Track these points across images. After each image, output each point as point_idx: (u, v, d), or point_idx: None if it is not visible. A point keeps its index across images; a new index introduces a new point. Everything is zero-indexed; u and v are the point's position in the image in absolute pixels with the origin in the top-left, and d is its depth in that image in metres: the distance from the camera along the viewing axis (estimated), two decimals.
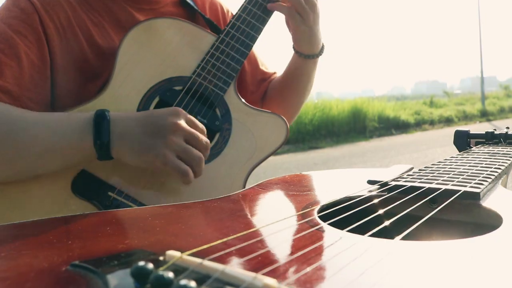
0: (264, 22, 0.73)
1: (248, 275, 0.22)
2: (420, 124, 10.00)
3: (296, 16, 0.73)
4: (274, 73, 0.90)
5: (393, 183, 0.49)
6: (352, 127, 8.45)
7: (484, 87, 14.67)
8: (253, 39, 0.72)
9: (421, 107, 11.47)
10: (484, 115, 12.12)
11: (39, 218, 0.40)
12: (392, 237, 0.33)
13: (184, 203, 0.45)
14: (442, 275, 0.26)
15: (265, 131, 0.72)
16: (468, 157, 0.65)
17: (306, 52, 0.79)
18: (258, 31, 0.73)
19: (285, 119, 0.73)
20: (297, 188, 0.53)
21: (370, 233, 0.32)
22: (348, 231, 0.34)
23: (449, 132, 8.56)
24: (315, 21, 0.75)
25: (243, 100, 0.73)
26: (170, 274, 0.22)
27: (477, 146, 0.79)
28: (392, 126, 9.09)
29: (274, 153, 0.74)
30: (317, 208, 0.42)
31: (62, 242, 0.34)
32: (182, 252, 0.26)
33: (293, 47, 0.80)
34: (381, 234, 0.33)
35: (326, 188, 0.54)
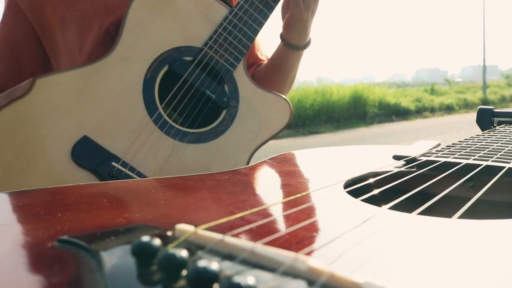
0: (276, 0, 0.71)
1: (287, 256, 0.17)
2: (420, 111, 9.93)
3: (300, 2, 0.72)
4: (266, 59, 0.88)
5: (423, 158, 0.44)
6: (353, 112, 8.38)
7: (486, 76, 14.56)
8: (265, 17, 0.70)
9: (422, 95, 11.38)
10: (485, 104, 12.04)
11: (28, 188, 0.35)
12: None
13: (190, 175, 0.40)
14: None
15: (270, 112, 0.69)
16: (496, 135, 0.60)
17: (294, 42, 0.78)
18: (271, 9, 0.71)
19: (289, 102, 0.71)
20: (315, 162, 0.47)
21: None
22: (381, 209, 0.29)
23: (449, 120, 8.54)
24: (313, 12, 0.76)
25: (251, 78, 0.70)
26: (184, 253, 0.17)
27: (501, 126, 0.74)
28: (392, 113, 9.03)
29: (276, 136, 0.71)
30: (342, 183, 0.37)
31: (50, 214, 0.29)
32: (195, 226, 0.21)
33: (281, 35, 0.79)
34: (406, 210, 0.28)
35: (347, 163, 0.49)
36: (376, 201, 0.32)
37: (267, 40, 0.87)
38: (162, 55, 0.64)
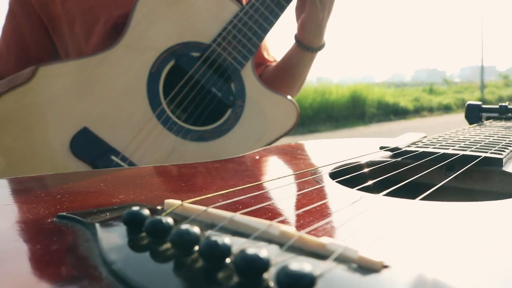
0: (288, 0, 0.70)
1: (262, 223, 0.19)
2: (419, 111, 9.96)
3: (316, 2, 0.71)
4: (274, 61, 0.88)
5: (406, 148, 0.46)
6: (351, 112, 8.41)
7: (484, 76, 14.61)
8: (276, 16, 0.69)
9: (420, 94, 11.41)
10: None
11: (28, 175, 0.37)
12: None
13: (184, 163, 0.42)
14: (470, 236, 0.23)
15: (277, 114, 0.68)
16: (481, 129, 0.62)
17: (308, 43, 0.77)
18: (282, 8, 0.70)
19: (296, 104, 0.70)
20: (305, 152, 0.49)
21: (384, 192, 0.29)
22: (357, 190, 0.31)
23: (447, 119, 8.56)
24: (329, 13, 0.74)
25: (258, 78, 0.69)
26: (170, 220, 0.19)
27: (488, 121, 0.76)
28: (391, 112, 9.05)
29: (281, 138, 0.70)
30: (327, 169, 0.39)
31: (50, 196, 0.31)
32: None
33: (296, 36, 0.78)
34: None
35: (335, 154, 0.51)
36: (354, 185, 0.34)
37: (273, 42, 0.86)
38: (170, 49, 0.63)
